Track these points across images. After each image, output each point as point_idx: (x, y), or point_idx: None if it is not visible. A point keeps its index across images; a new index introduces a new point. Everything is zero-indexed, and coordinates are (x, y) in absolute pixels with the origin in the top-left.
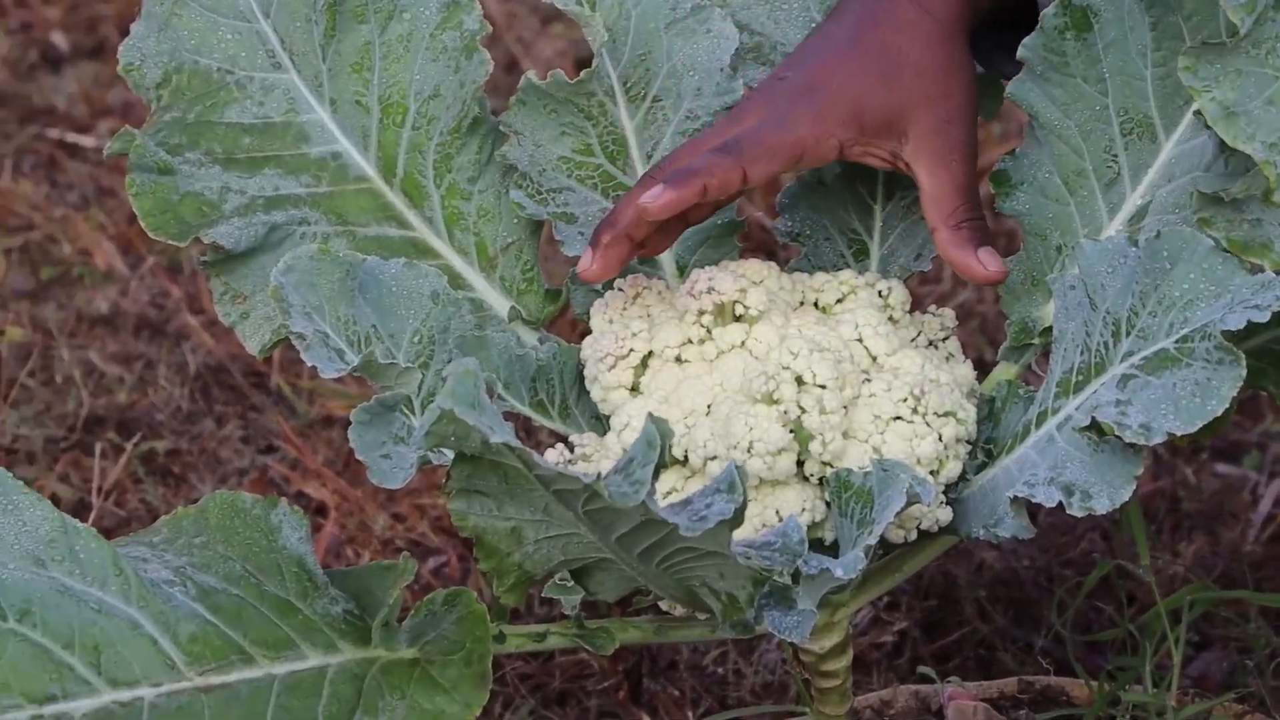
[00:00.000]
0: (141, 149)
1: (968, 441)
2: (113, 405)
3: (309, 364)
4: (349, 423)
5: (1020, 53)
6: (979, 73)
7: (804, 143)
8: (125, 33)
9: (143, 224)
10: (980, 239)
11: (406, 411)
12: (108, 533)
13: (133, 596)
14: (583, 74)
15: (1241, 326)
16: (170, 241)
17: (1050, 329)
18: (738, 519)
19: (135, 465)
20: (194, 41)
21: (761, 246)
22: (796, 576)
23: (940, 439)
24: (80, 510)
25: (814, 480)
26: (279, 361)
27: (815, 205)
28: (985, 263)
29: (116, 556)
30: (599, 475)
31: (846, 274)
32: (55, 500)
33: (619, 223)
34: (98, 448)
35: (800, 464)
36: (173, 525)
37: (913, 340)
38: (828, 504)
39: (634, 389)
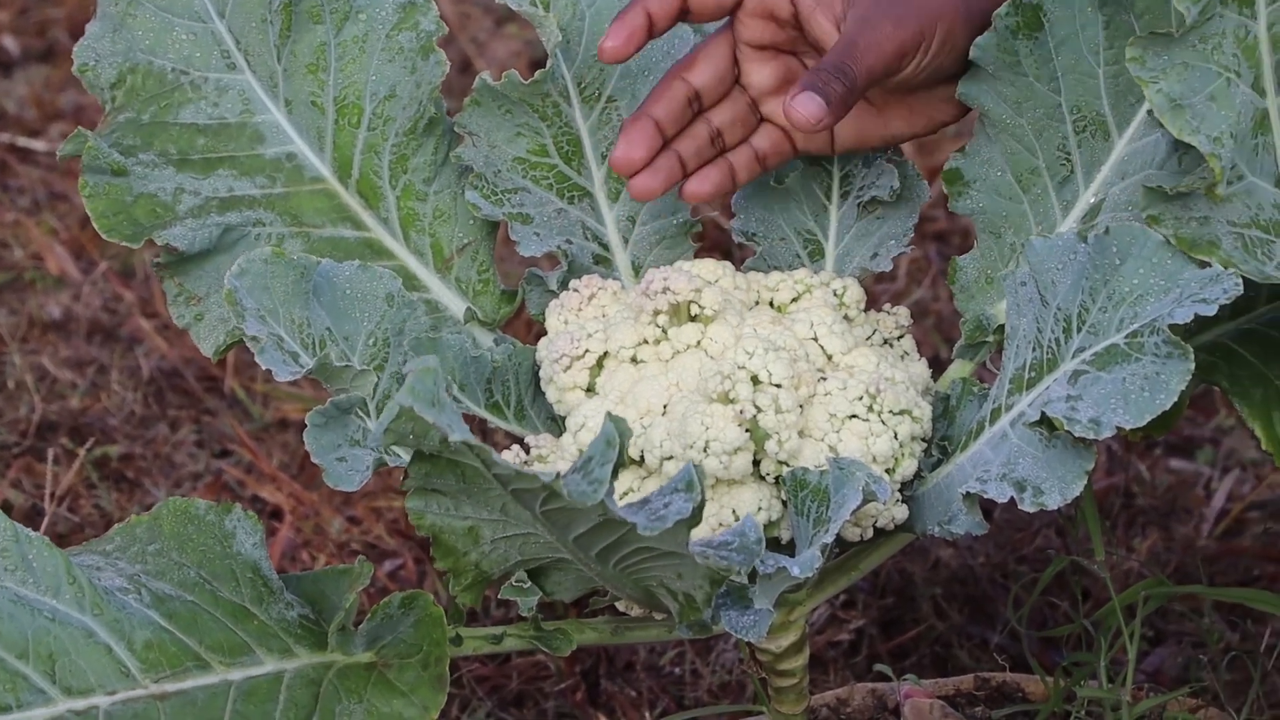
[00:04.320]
0: (95, 150)
1: (923, 439)
2: (65, 410)
3: (264, 367)
4: (304, 426)
5: (972, 53)
6: None
7: None
8: (76, 36)
9: (96, 225)
10: (813, 86)
11: (362, 414)
12: (61, 538)
13: (86, 605)
14: (537, 74)
15: (1189, 320)
16: (124, 243)
17: (1004, 326)
18: (695, 518)
19: (88, 470)
20: (149, 42)
21: (717, 246)
22: (753, 576)
23: (895, 437)
24: (33, 516)
25: (770, 479)
26: (233, 365)
27: (770, 205)
28: (797, 100)
29: (70, 565)
30: (558, 474)
31: (801, 273)
32: (7, 507)
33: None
34: (50, 453)
35: (757, 463)
36: (126, 533)
37: (868, 339)
38: (784, 503)
39: (590, 390)
